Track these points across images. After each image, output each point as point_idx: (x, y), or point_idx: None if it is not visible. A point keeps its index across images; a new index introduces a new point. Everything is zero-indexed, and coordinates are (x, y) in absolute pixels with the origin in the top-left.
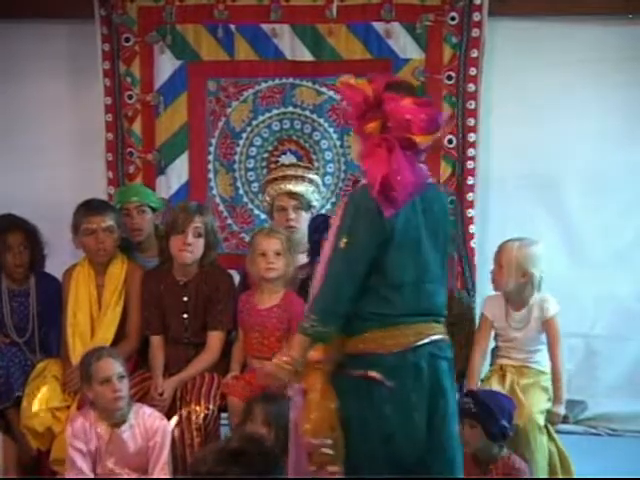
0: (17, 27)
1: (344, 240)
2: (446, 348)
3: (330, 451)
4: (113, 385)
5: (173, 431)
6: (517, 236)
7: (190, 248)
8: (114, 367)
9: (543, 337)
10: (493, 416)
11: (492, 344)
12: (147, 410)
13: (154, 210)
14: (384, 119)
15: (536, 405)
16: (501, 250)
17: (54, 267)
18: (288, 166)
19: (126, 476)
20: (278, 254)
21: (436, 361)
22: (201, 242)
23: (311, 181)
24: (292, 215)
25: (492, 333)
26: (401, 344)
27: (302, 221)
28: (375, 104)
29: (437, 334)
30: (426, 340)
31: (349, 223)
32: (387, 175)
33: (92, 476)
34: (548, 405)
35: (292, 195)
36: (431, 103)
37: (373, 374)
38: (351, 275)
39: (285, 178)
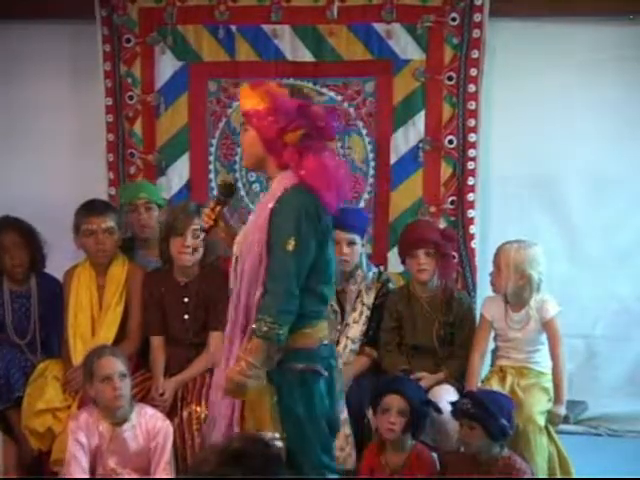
0: (18, 28)
1: (292, 243)
2: None
3: (280, 444)
4: (113, 383)
5: (174, 431)
6: (516, 238)
7: (190, 250)
8: (115, 365)
9: (543, 337)
10: (492, 415)
11: (492, 345)
12: (149, 411)
13: (160, 207)
14: (308, 127)
15: (536, 406)
16: (499, 252)
17: (55, 267)
18: None
19: (127, 476)
20: None
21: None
22: (201, 243)
23: None
24: None
25: (491, 334)
26: (326, 337)
27: None
28: (299, 112)
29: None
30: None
31: (294, 225)
32: (336, 176)
33: (88, 473)
34: (548, 406)
35: None
36: (335, 109)
37: (315, 367)
38: (299, 275)
39: None
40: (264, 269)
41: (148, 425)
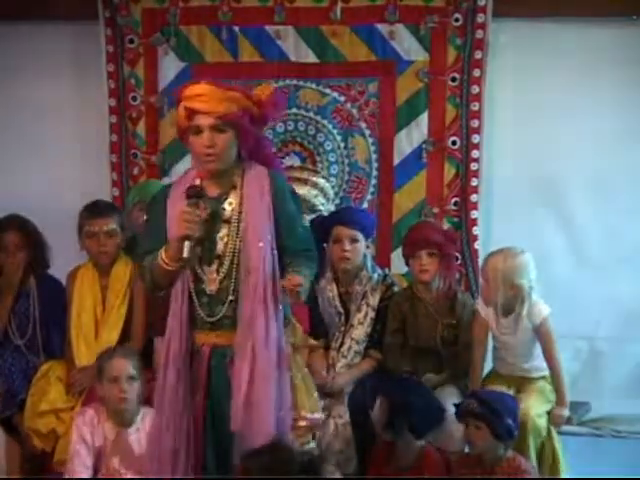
0: (21, 28)
1: (305, 218)
2: None
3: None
4: (120, 385)
5: None
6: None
7: None
8: (125, 367)
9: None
10: (498, 415)
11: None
12: None
13: None
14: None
15: (534, 408)
16: (487, 264)
17: (58, 268)
18: (295, 168)
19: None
20: None
21: None
22: None
23: (315, 185)
24: None
25: (489, 331)
26: None
27: None
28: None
29: None
30: None
31: (299, 203)
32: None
33: (92, 470)
34: (548, 407)
35: None
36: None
37: None
38: None
39: (289, 180)
40: (276, 254)
41: None
